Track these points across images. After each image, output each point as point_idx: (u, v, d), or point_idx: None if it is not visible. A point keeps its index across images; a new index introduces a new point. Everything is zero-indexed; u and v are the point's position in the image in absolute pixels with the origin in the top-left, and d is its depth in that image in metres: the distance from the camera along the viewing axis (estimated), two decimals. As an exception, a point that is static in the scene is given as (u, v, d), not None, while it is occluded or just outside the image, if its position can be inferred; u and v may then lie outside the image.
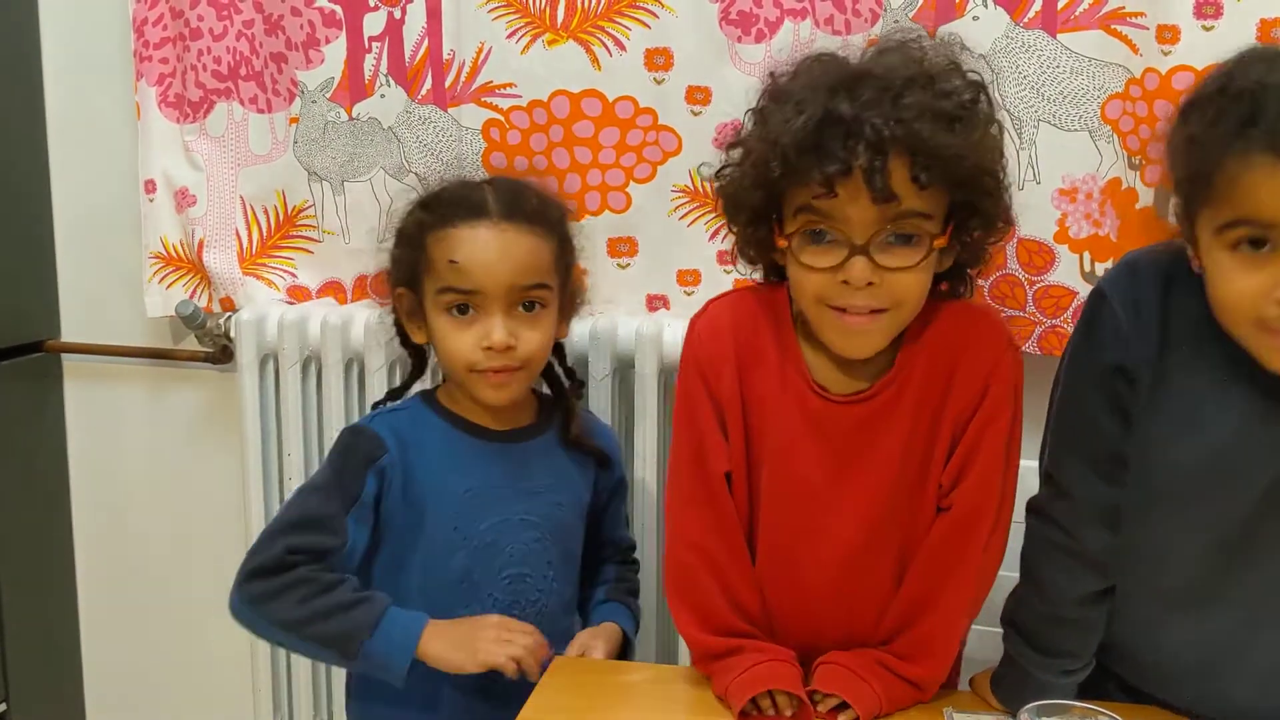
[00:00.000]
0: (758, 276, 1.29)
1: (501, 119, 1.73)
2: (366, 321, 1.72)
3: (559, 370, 1.44)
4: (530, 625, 1.30)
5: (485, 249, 1.29)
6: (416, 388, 1.45)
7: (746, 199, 1.17)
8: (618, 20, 1.67)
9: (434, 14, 1.74)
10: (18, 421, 2.01)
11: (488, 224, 1.30)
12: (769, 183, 1.13)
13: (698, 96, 1.66)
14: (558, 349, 1.43)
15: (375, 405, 1.44)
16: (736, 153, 1.19)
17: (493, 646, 1.25)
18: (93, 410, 2.09)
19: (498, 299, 1.28)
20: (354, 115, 1.79)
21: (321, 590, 1.25)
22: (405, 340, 1.41)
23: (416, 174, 1.78)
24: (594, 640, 1.36)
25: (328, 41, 1.78)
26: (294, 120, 1.82)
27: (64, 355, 2.07)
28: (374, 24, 1.76)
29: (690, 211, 1.71)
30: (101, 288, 2.02)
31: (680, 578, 1.24)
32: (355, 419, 1.75)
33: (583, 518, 1.42)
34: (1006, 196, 1.17)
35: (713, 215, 1.67)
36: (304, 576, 1.25)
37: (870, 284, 1.11)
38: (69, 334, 2.06)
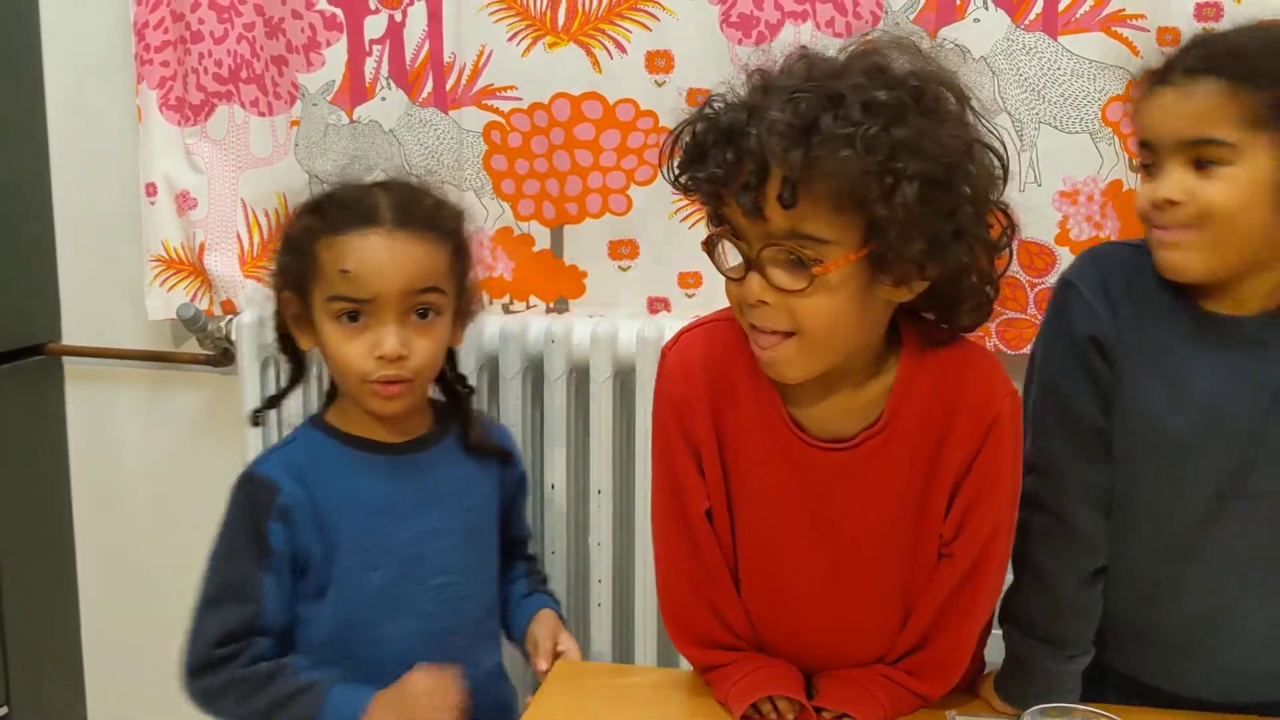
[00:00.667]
0: None
1: (502, 121, 1.73)
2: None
3: (449, 377, 1.40)
4: (452, 682, 1.22)
5: (377, 256, 1.24)
6: (296, 397, 1.44)
7: (702, 200, 1.13)
8: (618, 23, 1.68)
9: (435, 17, 1.74)
10: (19, 424, 2.01)
11: (380, 231, 1.24)
12: (683, 192, 1.11)
13: (699, 99, 1.64)
14: (450, 355, 1.37)
15: (253, 414, 1.47)
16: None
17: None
18: (94, 413, 2.09)
19: (390, 306, 1.24)
20: (355, 118, 1.79)
21: (256, 688, 1.23)
22: (286, 346, 1.36)
23: (418, 177, 1.78)
24: (556, 633, 1.37)
25: (328, 44, 1.78)
26: (295, 123, 1.82)
27: (65, 358, 2.07)
28: (375, 27, 1.76)
29: (691, 214, 1.71)
30: (102, 291, 2.02)
31: (670, 601, 1.23)
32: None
33: (495, 519, 1.40)
34: (946, 226, 1.02)
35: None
36: (236, 677, 1.23)
37: (764, 303, 1.05)
38: (70, 337, 2.06)
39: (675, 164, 1.10)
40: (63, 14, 1.96)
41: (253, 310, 1.82)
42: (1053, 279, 1.60)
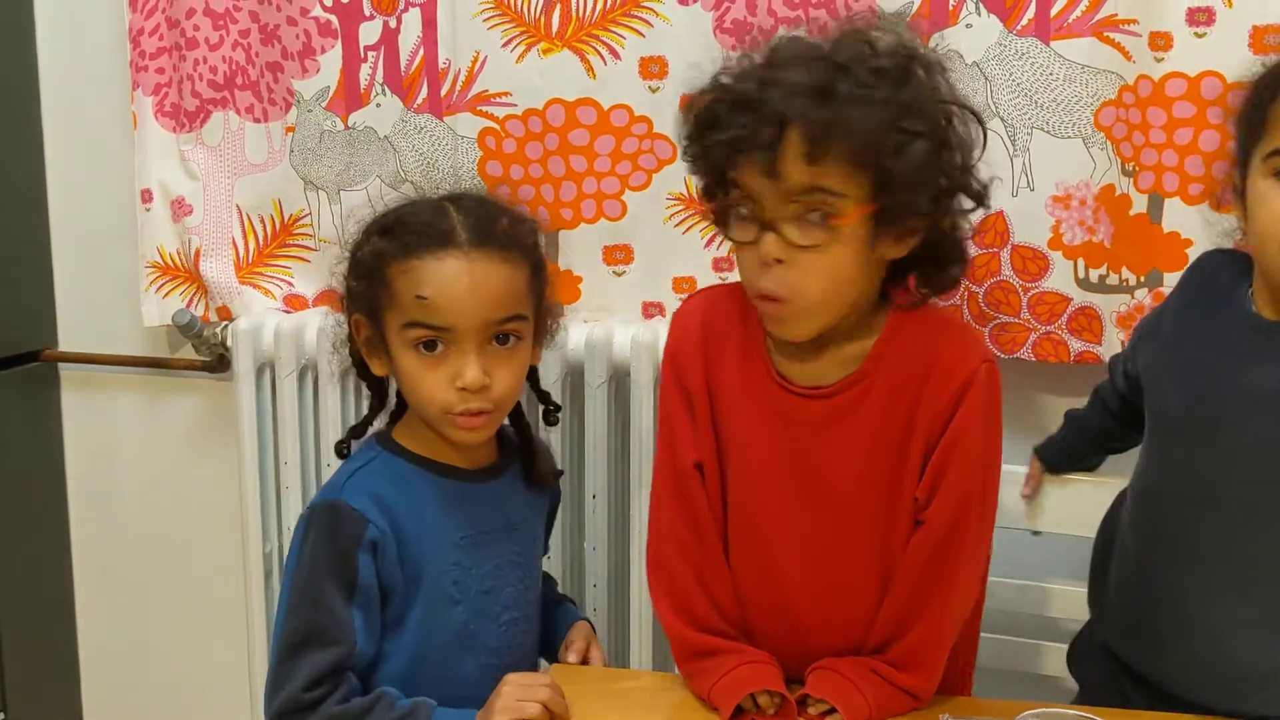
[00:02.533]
0: None
1: (497, 128, 1.74)
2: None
3: (535, 394, 1.36)
4: (542, 679, 1.21)
5: (455, 282, 1.18)
6: (378, 423, 1.35)
7: (697, 172, 1.20)
8: (612, 29, 1.68)
9: (429, 23, 1.74)
10: (15, 431, 2.01)
11: (456, 254, 1.18)
12: (697, 158, 1.17)
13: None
14: (532, 373, 1.33)
15: (339, 446, 1.33)
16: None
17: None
18: (90, 419, 2.09)
19: (470, 335, 1.18)
20: (350, 124, 1.80)
21: None
22: (363, 371, 1.30)
23: (413, 183, 1.78)
24: (590, 641, 1.35)
25: (323, 51, 1.78)
26: (290, 129, 1.82)
27: (61, 364, 2.07)
28: (369, 33, 1.77)
29: (686, 219, 1.71)
30: (98, 297, 2.03)
31: (657, 568, 1.27)
32: (352, 424, 1.75)
33: (541, 544, 1.38)
34: (944, 181, 1.13)
35: (708, 223, 1.67)
36: (332, 714, 1.16)
37: (780, 261, 1.11)
38: (66, 343, 2.06)
39: (686, 133, 1.16)
40: (58, 21, 1.96)
41: (249, 316, 1.82)
42: (1046, 283, 1.61)
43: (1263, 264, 1.16)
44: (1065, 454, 1.52)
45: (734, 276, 1.34)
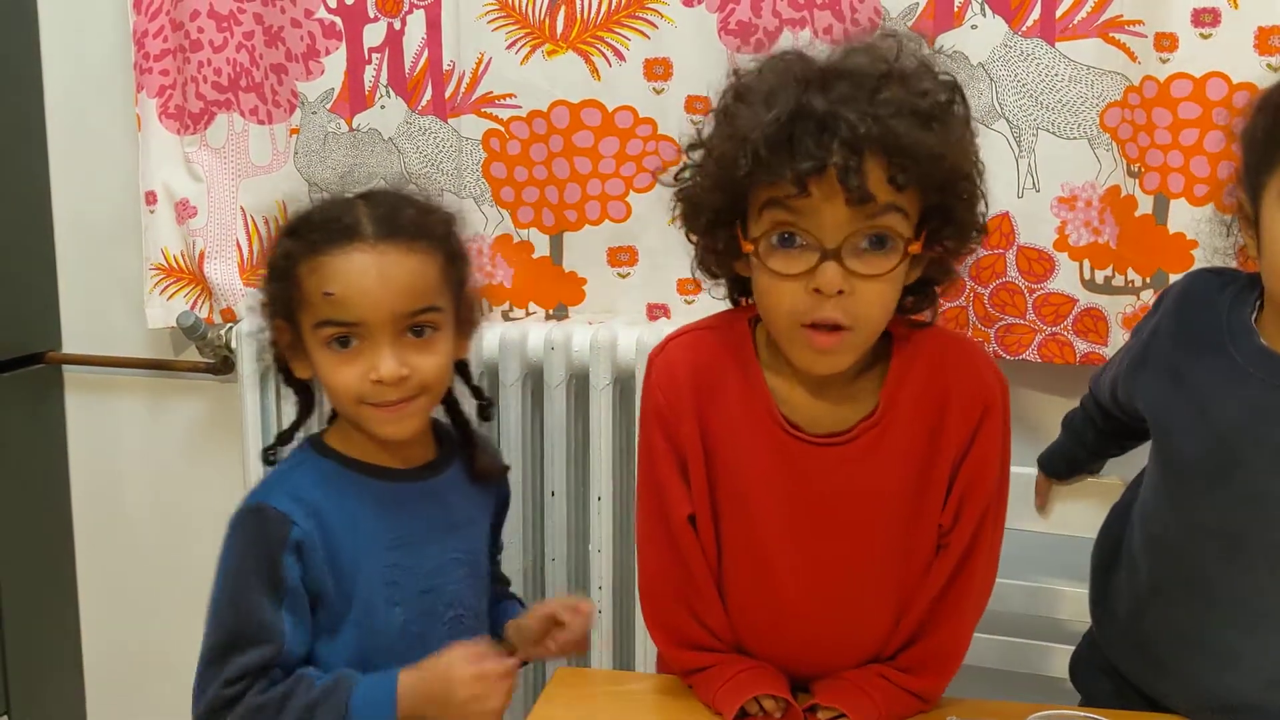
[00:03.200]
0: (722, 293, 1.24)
1: (501, 129, 1.74)
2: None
3: (467, 390, 1.33)
4: (488, 651, 1.19)
5: (363, 276, 1.15)
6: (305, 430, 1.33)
7: (707, 201, 1.11)
8: (617, 30, 1.68)
9: (434, 25, 1.74)
10: (19, 433, 2.01)
11: (363, 247, 1.16)
12: (733, 182, 1.07)
13: (697, 106, 1.66)
14: (462, 366, 1.29)
15: (265, 453, 1.31)
16: (698, 154, 1.14)
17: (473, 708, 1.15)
18: (94, 421, 2.09)
19: (382, 328, 1.15)
20: (354, 126, 1.80)
21: (278, 709, 1.15)
22: (288, 377, 1.28)
23: (417, 184, 1.79)
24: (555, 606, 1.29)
25: (328, 53, 1.78)
26: (294, 131, 1.82)
27: (65, 367, 2.07)
28: (374, 35, 1.77)
29: (690, 221, 1.71)
30: (102, 299, 2.03)
31: (651, 604, 1.24)
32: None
33: (487, 541, 1.35)
34: (981, 204, 1.12)
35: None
36: (254, 705, 1.15)
37: (841, 292, 1.04)
38: (70, 345, 2.06)
39: (747, 160, 1.04)
40: (62, 23, 1.96)
41: (253, 319, 1.82)
42: (1051, 285, 1.60)
43: (1278, 298, 1.12)
44: (1065, 463, 1.51)
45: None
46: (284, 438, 1.32)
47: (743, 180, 1.06)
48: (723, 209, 1.10)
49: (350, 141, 1.80)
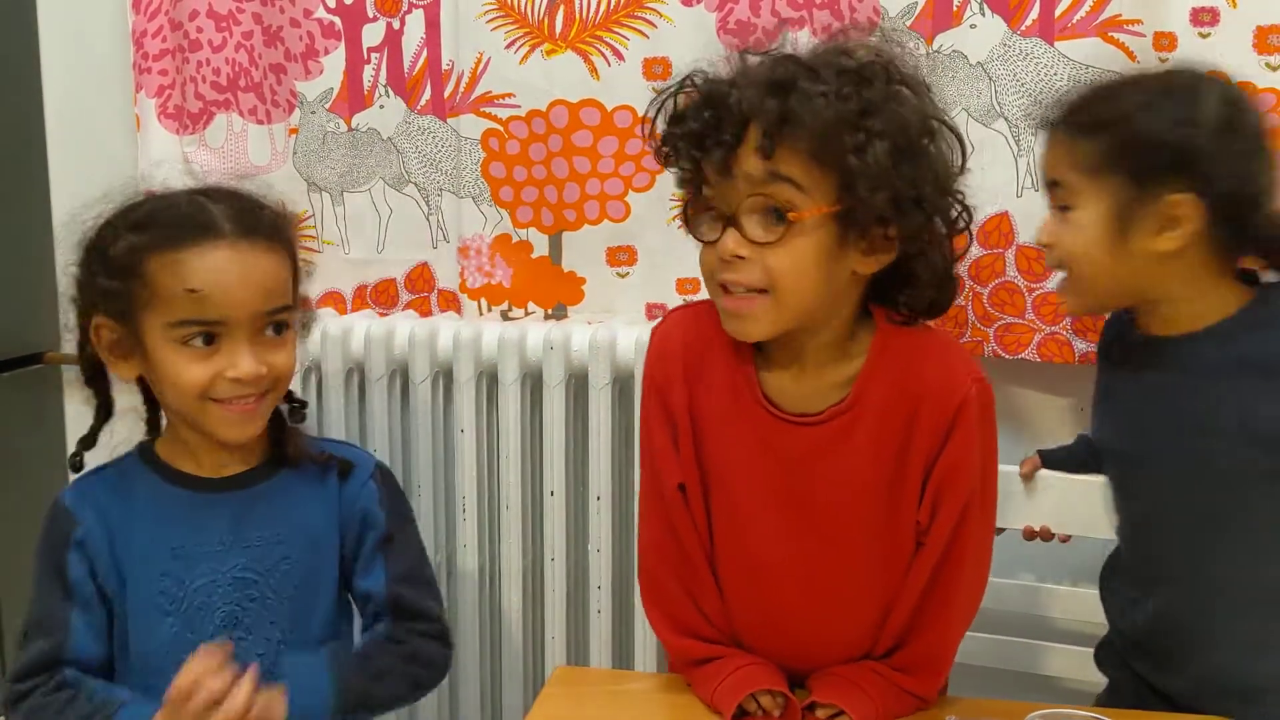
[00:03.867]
0: None
1: (500, 129, 1.74)
2: (367, 332, 1.73)
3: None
4: (235, 684, 1.07)
5: (225, 273, 1.14)
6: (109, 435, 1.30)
7: (681, 179, 1.19)
8: (616, 30, 1.68)
9: (433, 24, 1.74)
10: (17, 432, 2.01)
11: (224, 244, 1.15)
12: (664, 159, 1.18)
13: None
14: None
15: (72, 458, 1.31)
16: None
17: None
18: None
19: (242, 327, 1.15)
20: (353, 126, 1.80)
21: (56, 714, 1.17)
22: (94, 378, 1.26)
23: (416, 184, 1.79)
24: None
25: (327, 52, 1.78)
26: (293, 131, 1.82)
27: (64, 366, 2.07)
28: (373, 35, 1.77)
29: (689, 220, 1.71)
30: (101, 299, 2.02)
31: (648, 581, 1.26)
32: (354, 429, 1.76)
33: (331, 567, 1.27)
34: (910, 191, 1.09)
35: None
36: (37, 705, 1.17)
37: (740, 257, 1.10)
38: (68, 346, 2.04)
39: (654, 129, 1.17)
40: (61, 23, 1.96)
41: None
42: (1051, 284, 1.60)
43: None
44: (1071, 464, 1.49)
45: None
46: (86, 442, 1.31)
47: (668, 160, 1.18)
48: (685, 188, 1.19)
49: (349, 141, 1.80)
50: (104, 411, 1.29)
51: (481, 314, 1.80)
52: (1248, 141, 1.18)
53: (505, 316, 1.80)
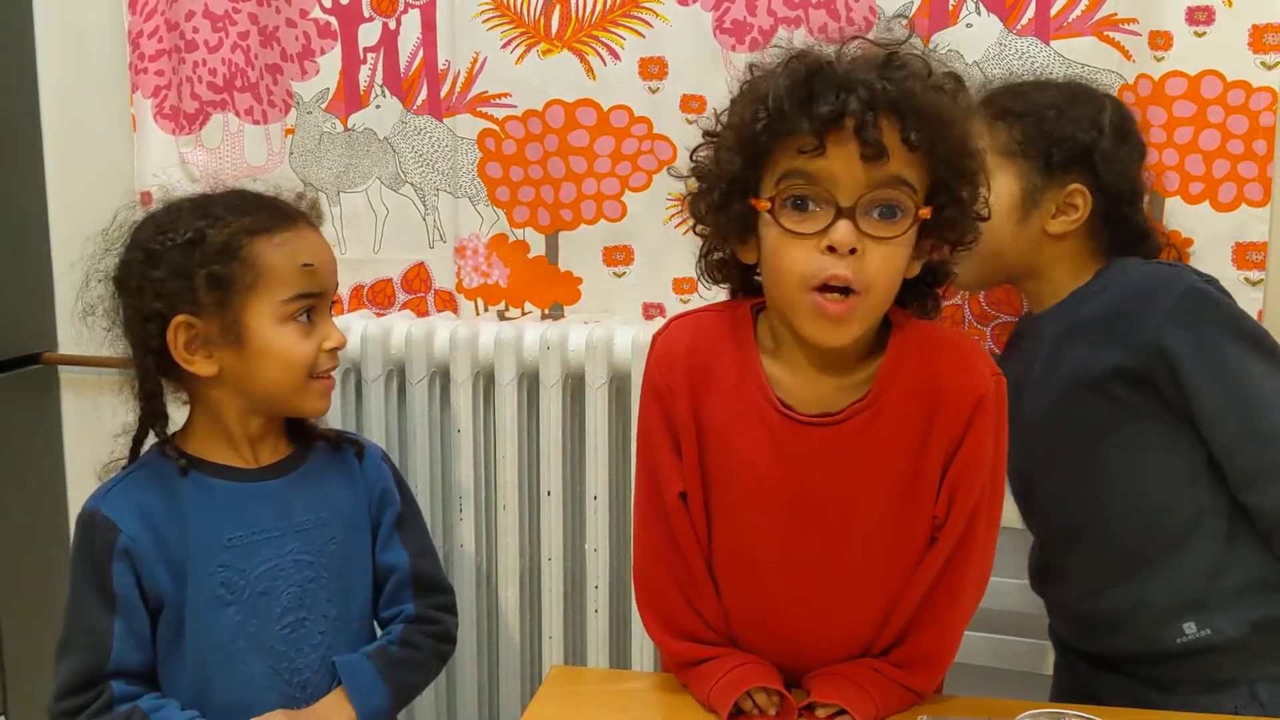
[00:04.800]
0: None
1: (497, 129, 1.74)
2: (363, 331, 1.73)
3: None
4: None
5: (323, 250, 1.25)
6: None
7: (724, 170, 1.13)
8: (612, 30, 1.68)
9: (429, 25, 1.74)
10: (15, 433, 2.01)
11: (307, 227, 1.25)
12: (752, 141, 1.09)
13: (692, 105, 1.66)
14: None
15: (107, 469, 1.31)
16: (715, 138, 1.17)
17: None
18: (90, 422, 2.08)
19: (328, 302, 1.26)
20: (349, 126, 1.80)
21: None
22: (154, 387, 1.24)
23: (413, 184, 1.79)
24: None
25: (323, 53, 1.78)
26: (289, 131, 1.82)
27: (61, 367, 2.07)
28: (369, 35, 1.77)
29: (686, 219, 1.70)
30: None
31: (644, 586, 1.25)
32: (352, 428, 1.76)
33: (366, 544, 1.33)
34: (983, 193, 1.14)
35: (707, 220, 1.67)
36: None
37: (854, 251, 1.06)
38: (66, 346, 2.06)
39: (763, 110, 1.08)
40: (57, 24, 1.96)
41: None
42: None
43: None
44: None
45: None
46: (134, 453, 1.29)
47: (761, 137, 1.08)
48: (738, 177, 1.12)
49: (345, 141, 1.80)
50: (155, 420, 1.27)
51: (478, 314, 1.80)
52: (1133, 150, 1.41)
53: (502, 316, 1.80)
